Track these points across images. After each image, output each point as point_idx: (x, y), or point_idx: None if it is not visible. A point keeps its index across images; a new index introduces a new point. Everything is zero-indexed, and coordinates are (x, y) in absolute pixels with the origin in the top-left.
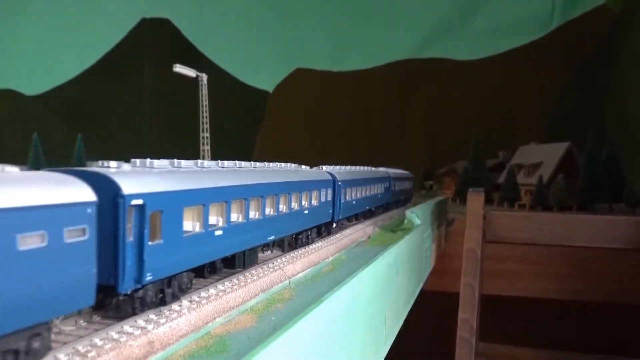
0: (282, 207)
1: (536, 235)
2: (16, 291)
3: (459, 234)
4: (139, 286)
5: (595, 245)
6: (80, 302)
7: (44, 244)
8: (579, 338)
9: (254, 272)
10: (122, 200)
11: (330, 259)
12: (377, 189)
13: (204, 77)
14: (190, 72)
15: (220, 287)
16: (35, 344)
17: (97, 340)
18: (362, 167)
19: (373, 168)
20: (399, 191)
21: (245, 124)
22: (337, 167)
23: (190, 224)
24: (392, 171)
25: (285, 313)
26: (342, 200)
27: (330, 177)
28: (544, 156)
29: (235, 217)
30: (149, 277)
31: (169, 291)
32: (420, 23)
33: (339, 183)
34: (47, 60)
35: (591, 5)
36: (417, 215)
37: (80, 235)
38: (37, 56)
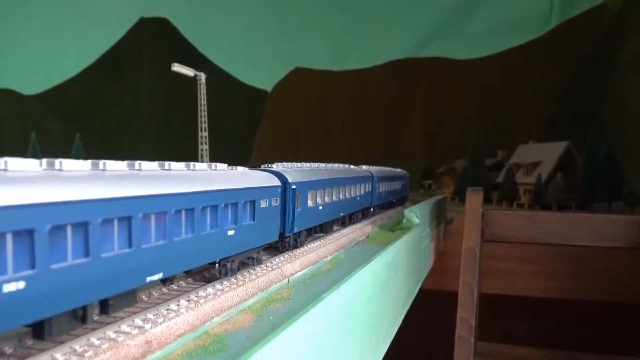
0: (347, 194)
1: (535, 234)
2: (259, 228)
3: (457, 233)
4: (290, 234)
5: (594, 244)
6: (273, 238)
7: (266, 205)
8: (577, 337)
9: (252, 271)
10: (289, 185)
11: (329, 258)
12: (398, 185)
13: (203, 76)
14: (188, 72)
15: (218, 286)
16: (259, 257)
17: (95, 340)
18: (389, 168)
19: (392, 168)
20: (408, 187)
21: (244, 123)
22: (374, 167)
23: (310, 202)
24: (405, 172)
25: (284, 312)
26: (377, 192)
27: (369, 174)
28: (542, 155)
29: (327, 199)
30: (295, 229)
31: (299, 240)
32: (419, 22)
33: (375, 179)
34: (46, 59)
35: (589, 4)
36: (416, 214)
37: (276, 203)
38: (35, 55)
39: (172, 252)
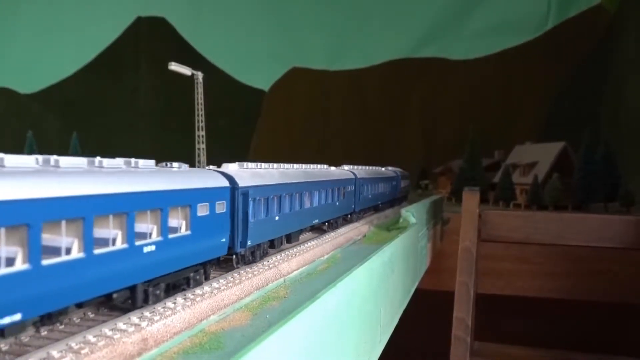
0: (387, 188)
1: (531, 234)
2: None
3: (454, 232)
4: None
5: (590, 244)
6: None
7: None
8: (574, 337)
9: (248, 269)
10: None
11: (326, 257)
12: (407, 183)
13: (200, 75)
14: (185, 71)
15: (214, 284)
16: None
17: (91, 337)
18: (402, 170)
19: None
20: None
21: (241, 122)
22: (397, 168)
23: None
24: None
25: (280, 311)
26: (400, 187)
27: (395, 174)
28: (539, 156)
29: (379, 189)
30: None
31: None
32: (416, 22)
33: (399, 176)
34: (42, 58)
35: (586, 5)
36: (413, 214)
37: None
38: (32, 54)
39: None
